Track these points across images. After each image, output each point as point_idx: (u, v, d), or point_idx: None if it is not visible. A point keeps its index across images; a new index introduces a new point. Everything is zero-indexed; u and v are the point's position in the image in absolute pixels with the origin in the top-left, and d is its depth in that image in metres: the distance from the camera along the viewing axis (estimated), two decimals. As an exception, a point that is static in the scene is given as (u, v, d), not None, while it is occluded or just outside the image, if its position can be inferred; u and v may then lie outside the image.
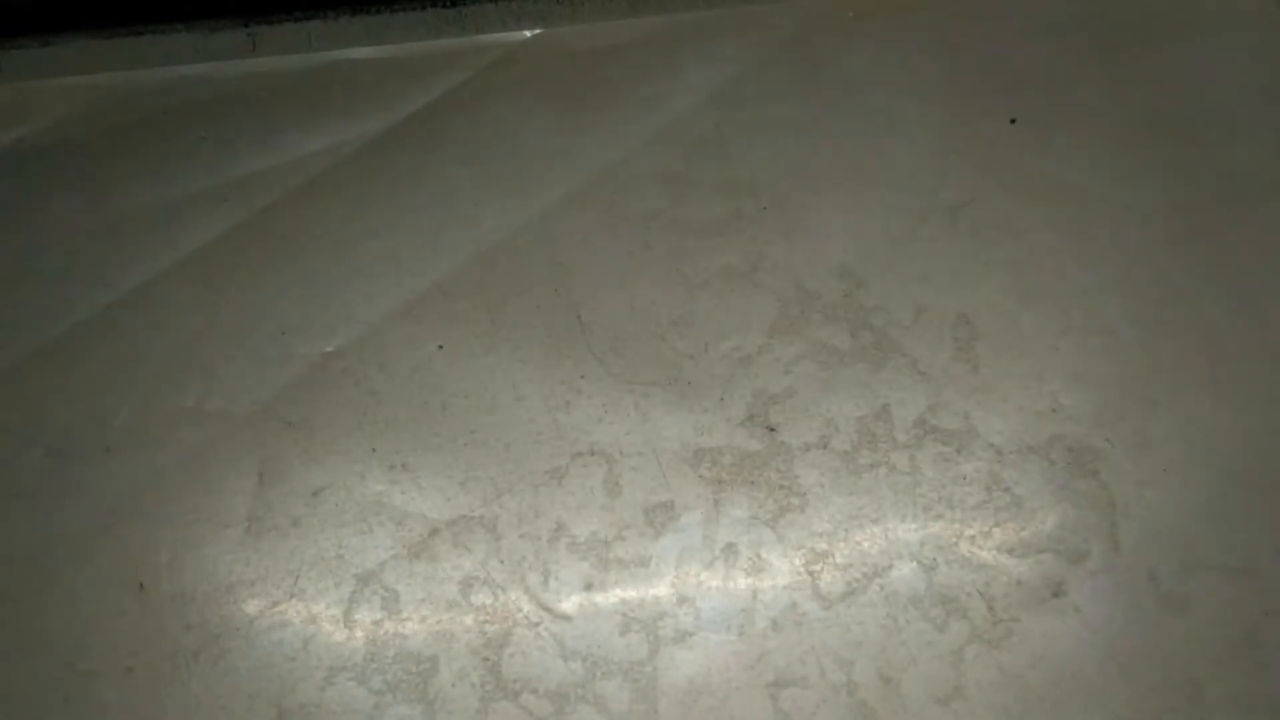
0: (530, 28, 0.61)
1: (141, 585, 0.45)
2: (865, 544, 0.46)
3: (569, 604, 0.45)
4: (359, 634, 0.44)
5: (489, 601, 0.45)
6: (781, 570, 0.45)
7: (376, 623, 0.44)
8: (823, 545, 0.46)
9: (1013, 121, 0.58)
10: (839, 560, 0.46)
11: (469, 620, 0.44)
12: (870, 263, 0.54)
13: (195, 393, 0.50)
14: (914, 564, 0.46)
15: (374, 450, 0.49)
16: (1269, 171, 0.56)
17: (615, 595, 0.45)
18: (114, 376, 0.51)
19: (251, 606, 0.45)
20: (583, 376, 0.51)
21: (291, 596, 0.45)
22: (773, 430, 0.49)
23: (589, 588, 0.45)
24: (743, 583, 0.45)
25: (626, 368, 0.51)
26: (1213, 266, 0.53)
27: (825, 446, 0.48)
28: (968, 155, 0.57)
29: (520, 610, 0.45)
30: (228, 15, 0.59)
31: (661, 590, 0.45)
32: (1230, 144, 0.57)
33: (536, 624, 0.44)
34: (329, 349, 0.51)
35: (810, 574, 0.45)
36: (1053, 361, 0.51)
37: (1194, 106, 0.58)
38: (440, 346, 0.51)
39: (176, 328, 0.52)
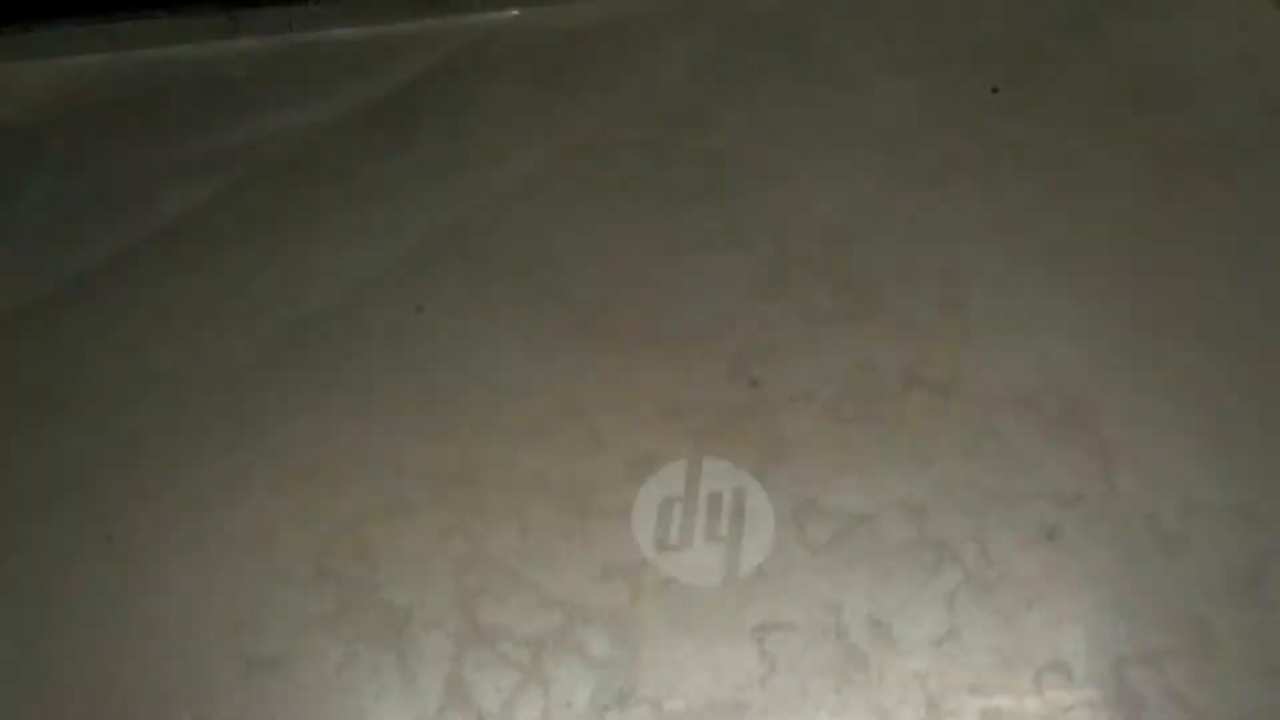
0: (512, 7, 0.61)
1: (109, 537, 0.44)
2: (851, 492, 0.45)
3: (547, 553, 0.43)
4: (330, 583, 0.43)
5: (465, 551, 0.43)
6: (766, 517, 0.44)
7: (349, 572, 0.43)
8: (809, 493, 0.45)
9: (995, 90, 0.58)
10: (826, 507, 0.44)
11: (444, 567, 0.43)
12: (853, 225, 0.53)
13: (171, 358, 0.50)
14: (902, 509, 0.44)
15: (351, 409, 0.48)
16: (1251, 134, 0.56)
17: (595, 544, 0.44)
18: (89, 341, 0.50)
19: (223, 560, 0.44)
20: (563, 338, 0.50)
21: (265, 548, 0.44)
22: (755, 385, 0.48)
23: (569, 536, 0.44)
24: (726, 530, 0.44)
25: (607, 329, 0.50)
26: (1198, 222, 0.53)
27: (810, 399, 0.47)
28: (950, 123, 0.57)
29: (498, 559, 0.43)
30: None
31: (642, 538, 0.44)
32: (1213, 108, 0.57)
33: (514, 573, 0.43)
34: (306, 313, 0.51)
35: (796, 522, 0.44)
36: (1040, 317, 0.50)
37: (1177, 73, 0.58)
38: (420, 308, 0.51)
39: (152, 294, 0.52)
